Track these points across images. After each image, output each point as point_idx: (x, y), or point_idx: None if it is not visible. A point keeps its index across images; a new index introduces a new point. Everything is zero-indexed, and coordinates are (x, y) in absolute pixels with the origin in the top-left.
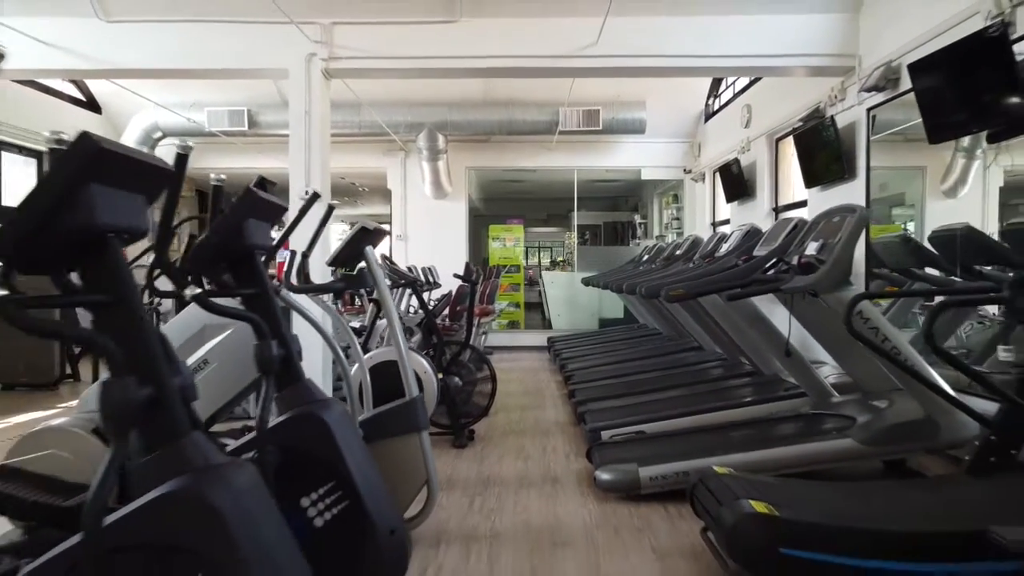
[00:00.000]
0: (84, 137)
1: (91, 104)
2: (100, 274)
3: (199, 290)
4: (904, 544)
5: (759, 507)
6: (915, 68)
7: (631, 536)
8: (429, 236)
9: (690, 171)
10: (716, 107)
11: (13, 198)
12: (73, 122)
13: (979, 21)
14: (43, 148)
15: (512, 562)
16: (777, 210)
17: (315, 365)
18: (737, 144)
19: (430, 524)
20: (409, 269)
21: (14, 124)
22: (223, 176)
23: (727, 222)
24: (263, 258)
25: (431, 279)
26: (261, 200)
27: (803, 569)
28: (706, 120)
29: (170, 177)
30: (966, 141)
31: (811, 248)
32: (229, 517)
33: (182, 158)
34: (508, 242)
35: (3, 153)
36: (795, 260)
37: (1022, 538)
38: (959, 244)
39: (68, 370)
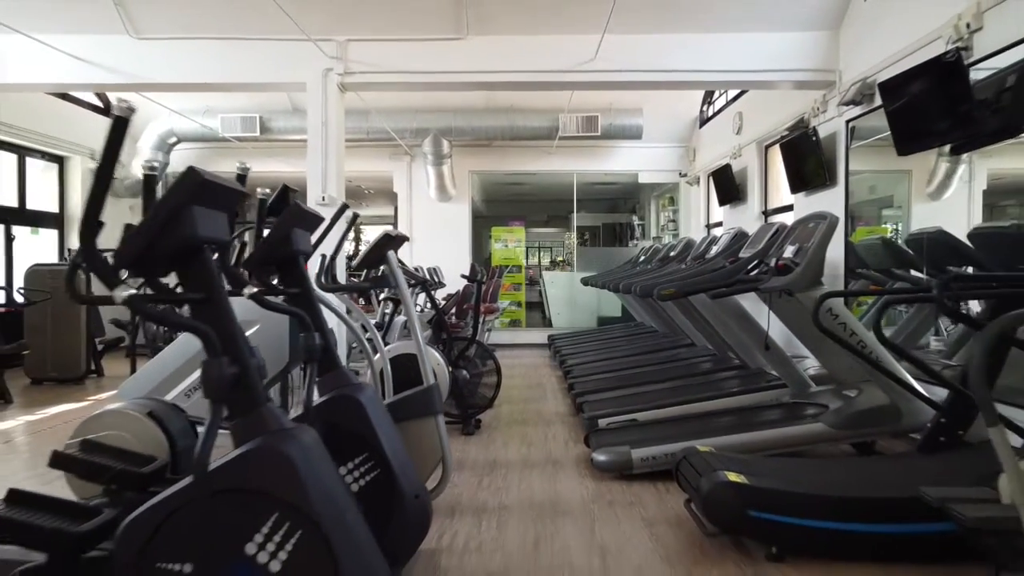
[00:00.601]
0: (191, 170)
1: (108, 111)
2: (198, 276)
3: (255, 289)
4: (855, 508)
5: (732, 476)
6: (884, 87)
7: (623, 508)
8: (434, 238)
9: (685, 175)
10: (710, 113)
11: (37, 201)
12: (91, 128)
13: (941, 45)
14: (64, 153)
15: (518, 529)
16: (766, 213)
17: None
18: (729, 150)
19: (445, 498)
20: (416, 270)
21: (37, 130)
22: (267, 190)
23: (720, 224)
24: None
25: (436, 279)
26: (305, 212)
27: (768, 529)
28: (700, 126)
29: (243, 196)
30: (948, 146)
31: (788, 251)
32: (300, 466)
33: (242, 177)
34: (510, 243)
35: (27, 158)
36: (773, 262)
37: (944, 496)
38: (927, 246)
39: (92, 366)
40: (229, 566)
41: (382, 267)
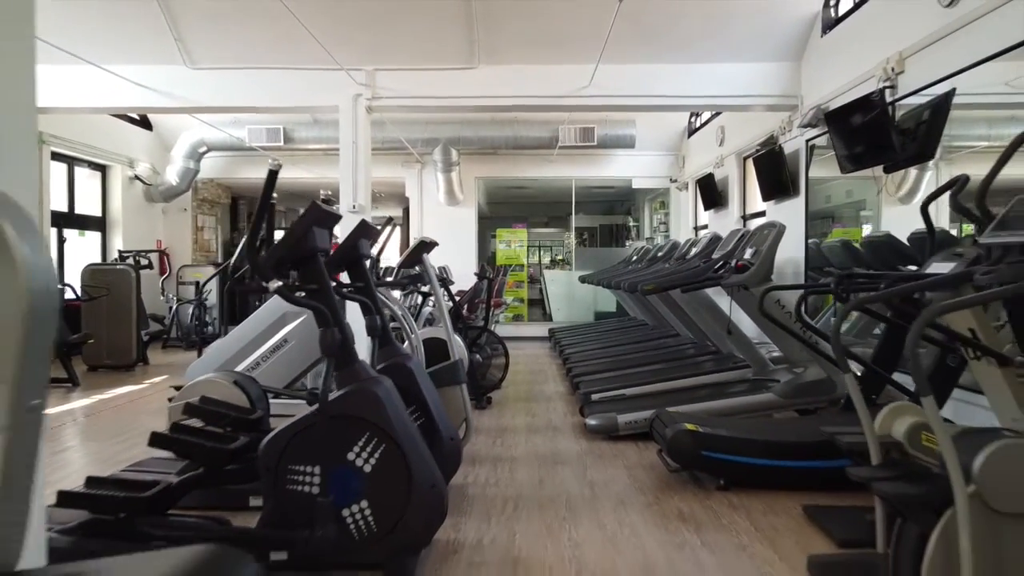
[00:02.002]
0: (314, 204)
1: (144, 123)
2: (313, 274)
3: (334, 284)
4: (781, 449)
5: (689, 426)
6: (828, 116)
7: (609, 459)
8: (442, 239)
9: (675, 180)
10: (697, 124)
11: (83, 206)
12: (130, 139)
13: (874, 83)
14: (106, 162)
15: (526, 472)
16: (745, 217)
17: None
18: (713, 159)
19: (467, 452)
20: None
21: (83, 142)
22: (329, 193)
23: (706, 227)
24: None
25: (445, 277)
26: (369, 227)
27: (715, 464)
28: (689, 136)
29: (337, 217)
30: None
31: (747, 253)
32: (384, 401)
33: (273, 174)
34: (513, 244)
35: (75, 167)
36: (734, 262)
37: (833, 431)
38: (878, 248)
39: (140, 355)
40: (337, 468)
41: (416, 266)
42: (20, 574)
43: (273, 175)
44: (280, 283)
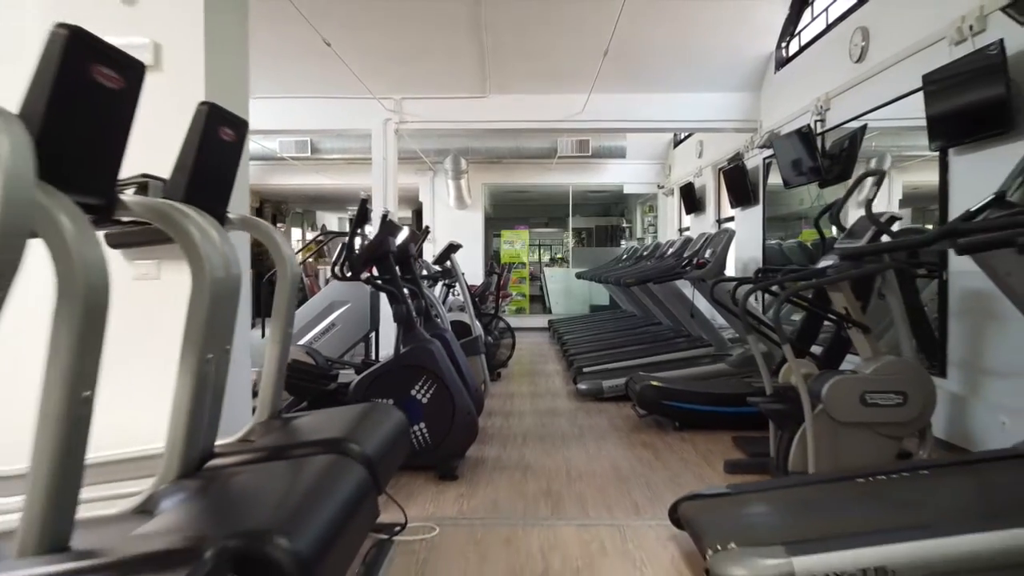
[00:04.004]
0: (386, 219)
1: None
2: (386, 267)
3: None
4: (719, 399)
5: (654, 382)
6: (773, 141)
7: (595, 412)
8: (452, 239)
9: (662, 187)
10: (682, 136)
11: None
12: None
13: (809, 116)
14: None
15: (532, 421)
16: (720, 221)
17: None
18: (693, 170)
19: (484, 408)
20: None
21: None
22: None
23: (688, 228)
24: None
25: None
26: (416, 234)
27: (672, 411)
28: (675, 147)
29: (399, 227)
30: (873, 163)
31: (707, 253)
32: (436, 354)
33: (364, 202)
34: (516, 244)
35: None
36: (695, 260)
37: (750, 380)
38: (826, 248)
39: None
40: (404, 399)
41: (446, 263)
42: (71, 552)
43: (364, 203)
44: (368, 275)
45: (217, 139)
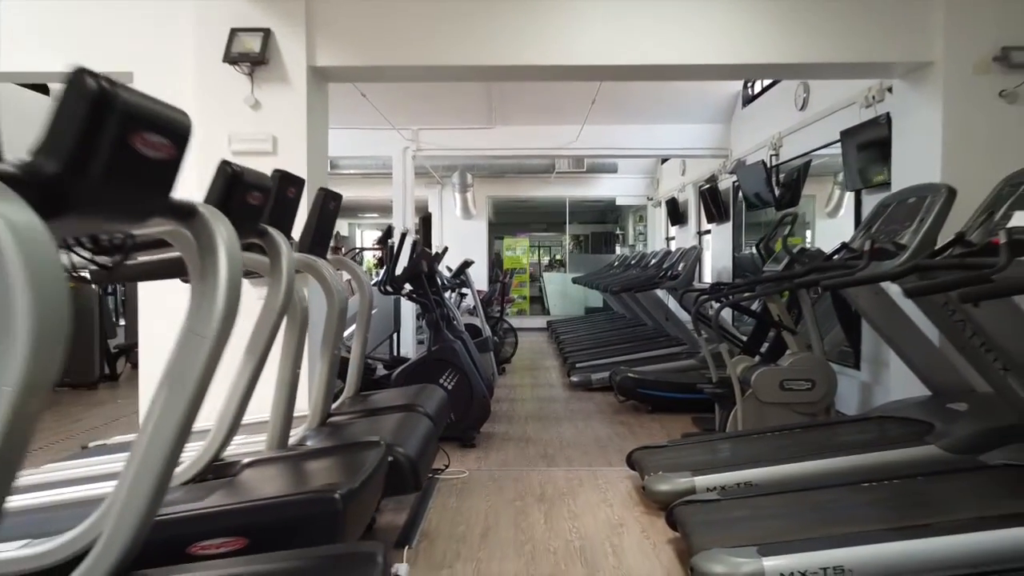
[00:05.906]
0: (417, 245)
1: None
2: (420, 283)
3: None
4: (682, 387)
5: (631, 374)
6: (738, 170)
7: (584, 400)
8: (458, 247)
9: (651, 199)
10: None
11: None
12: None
13: (767, 150)
14: None
15: (531, 405)
16: (700, 233)
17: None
18: (678, 185)
19: (494, 395)
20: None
21: None
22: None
23: (674, 238)
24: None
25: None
26: (438, 254)
27: (646, 397)
28: (662, 163)
29: (429, 254)
30: (841, 176)
31: (680, 265)
32: (459, 352)
33: (403, 236)
34: (518, 251)
35: None
36: (671, 271)
37: (695, 373)
38: (793, 259)
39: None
40: (435, 384)
41: (461, 276)
42: (305, 446)
43: (403, 236)
44: (408, 289)
45: (329, 211)
